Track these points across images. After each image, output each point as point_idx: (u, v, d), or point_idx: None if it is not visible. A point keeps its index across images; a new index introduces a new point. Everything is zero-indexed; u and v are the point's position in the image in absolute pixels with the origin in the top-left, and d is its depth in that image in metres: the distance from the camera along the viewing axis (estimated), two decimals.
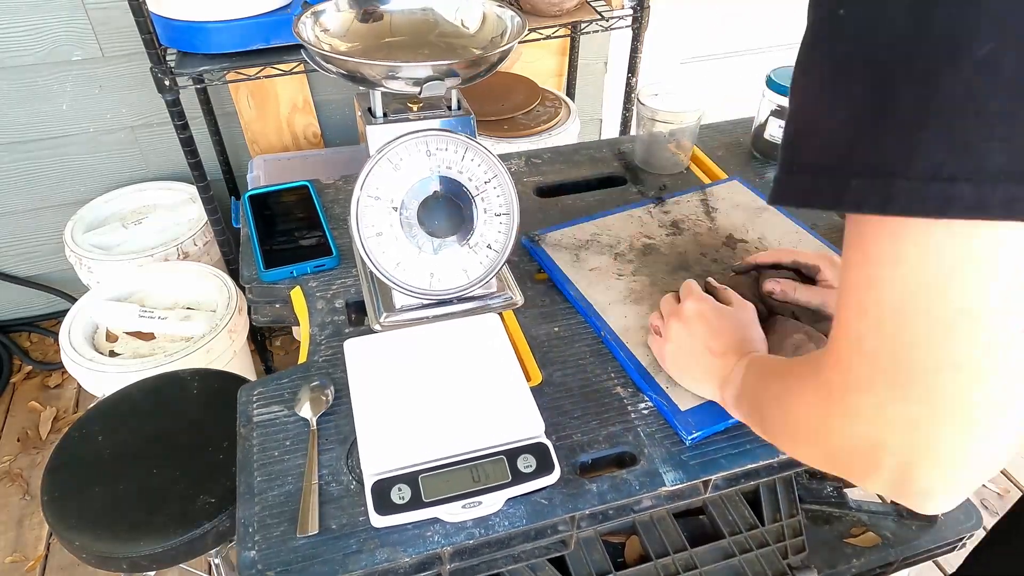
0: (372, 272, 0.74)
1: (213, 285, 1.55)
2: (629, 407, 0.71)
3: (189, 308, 1.57)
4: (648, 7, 1.60)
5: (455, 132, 0.72)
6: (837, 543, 0.94)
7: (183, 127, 1.36)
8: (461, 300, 0.78)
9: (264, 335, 1.87)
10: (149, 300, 1.59)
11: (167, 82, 1.27)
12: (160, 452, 1.01)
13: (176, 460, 0.99)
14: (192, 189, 1.73)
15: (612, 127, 2.22)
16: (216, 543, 0.95)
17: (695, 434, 0.67)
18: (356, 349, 0.72)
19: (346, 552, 0.59)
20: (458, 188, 0.73)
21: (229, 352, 1.45)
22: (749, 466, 0.67)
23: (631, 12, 1.62)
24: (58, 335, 1.47)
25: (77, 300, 1.54)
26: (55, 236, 1.82)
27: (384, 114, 0.73)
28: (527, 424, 0.65)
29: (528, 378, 0.72)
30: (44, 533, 1.55)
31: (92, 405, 1.09)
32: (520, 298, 0.81)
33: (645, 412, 0.71)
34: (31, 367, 1.91)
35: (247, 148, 1.82)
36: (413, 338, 0.74)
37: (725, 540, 0.85)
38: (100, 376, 1.37)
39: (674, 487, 0.65)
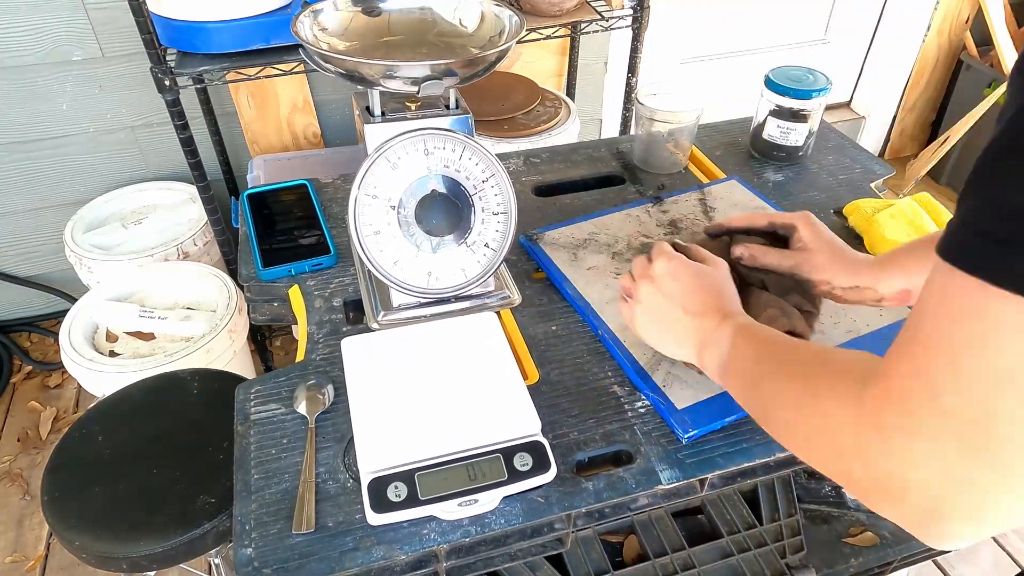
0: (370, 271, 0.75)
1: (213, 285, 1.55)
2: (626, 405, 0.71)
3: (189, 308, 1.57)
4: (648, 7, 1.60)
5: (453, 131, 0.72)
6: (835, 543, 0.94)
7: (183, 127, 1.36)
8: (459, 299, 0.78)
9: (264, 335, 1.88)
10: (149, 300, 1.59)
11: (167, 82, 1.27)
12: (160, 452, 1.01)
13: (176, 460, 1.00)
14: (192, 189, 1.73)
15: (612, 127, 2.22)
16: (216, 543, 0.95)
17: (691, 432, 0.67)
18: (354, 347, 0.72)
19: (342, 550, 0.59)
20: (456, 187, 0.74)
21: (229, 352, 1.45)
22: (745, 464, 0.67)
23: (631, 12, 1.62)
24: (58, 335, 1.47)
25: (77, 300, 1.54)
26: (55, 236, 1.82)
27: (382, 113, 0.73)
28: (524, 422, 0.65)
29: (525, 376, 0.72)
30: (44, 533, 1.56)
31: (92, 405, 1.09)
32: (518, 297, 0.81)
33: (642, 410, 0.71)
34: (31, 367, 1.91)
35: (247, 148, 1.82)
36: (411, 337, 0.74)
37: (723, 539, 0.85)
38: (100, 376, 1.37)
39: (670, 485, 0.65)
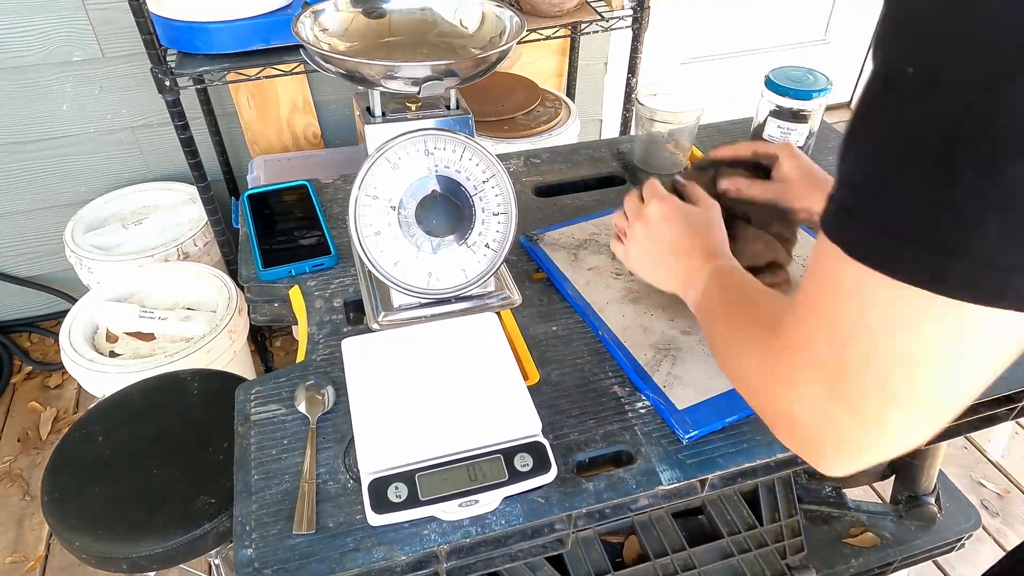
0: (370, 271, 0.75)
1: (213, 285, 1.55)
2: (626, 406, 0.71)
3: (189, 308, 1.57)
4: (648, 7, 1.60)
5: (453, 131, 0.72)
6: (836, 543, 0.94)
7: (183, 127, 1.36)
8: (459, 299, 0.78)
9: (264, 335, 1.88)
10: (149, 300, 1.59)
11: (167, 82, 1.27)
12: (160, 452, 1.01)
13: (176, 460, 0.99)
14: (192, 189, 1.73)
15: (612, 127, 2.22)
16: (216, 543, 0.95)
17: (692, 433, 0.67)
18: (354, 348, 0.72)
19: (343, 550, 0.59)
20: (456, 187, 0.74)
21: (229, 353, 1.45)
22: (746, 465, 0.67)
23: (631, 12, 1.62)
24: (58, 335, 1.47)
25: (77, 300, 1.54)
26: (55, 236, 1.82)
27: (383, 113, 0.73)
28: (524, 423, 0.65)
29: (526, 377, 0.72)
30: (44, 533, 1.56)
31: (92, 405, 1.09)
32: (518, 297, 0.81)
33: (642, 411, 0.71)
34: (31, 367, 1.91)
35: (247, 148, 1.82)
36: (411, 337, 0.74)
37: (724, 540, 0.85)
38: (100, 376, 1.37)
39: (671, 486, 0.65)
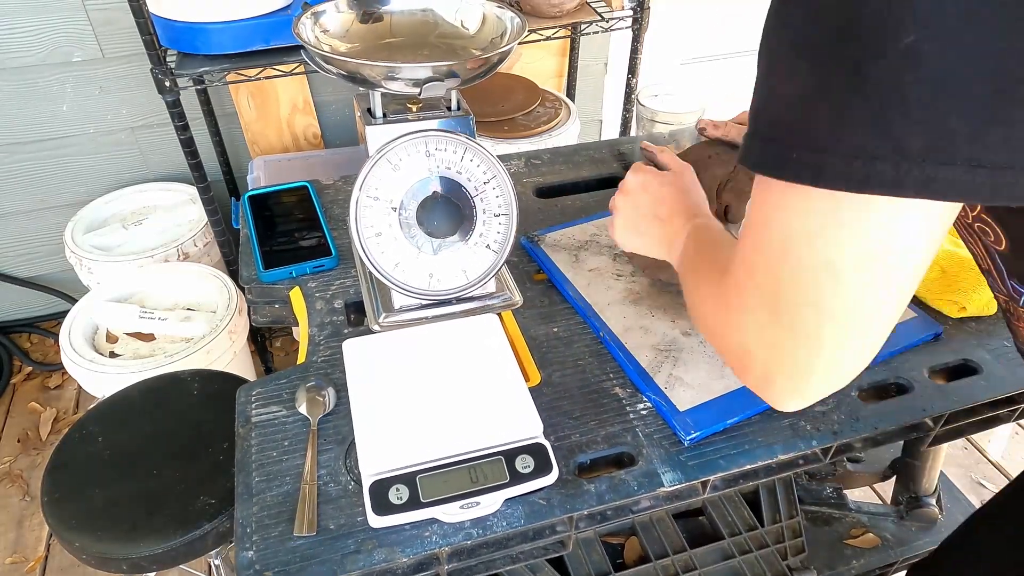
0: (371, 272, 0.74)
1: (213, 286, 1.55)
2: (628, 408, 0.71)
3: (189, 309, 1.57)
4: (648, 8, 1.60)
5: (454, 132, 0.72)
6: (837, 544, 0.94)
7: (183, 128, 1.36)
8: (460, 300, 0.78)
9: (264, 336, 1.87)
10: (149, 301, 1.59)
11: (167, 83, 1.27)
12: (160, 453, 1.00)
13: (176, 461, 0.99)
14: (192, 190, 1.73)
15: (612, 128, 2.22)
16: (216, 544, 0.95)
17: (693, 434, 0.67)
18: (355, 349, 0.72)
19: (344, 552, 0.59)
20: (457, 188, 0.74)
21: (229, 353, 1.45)
22: (747, 466, 0.67)
23: (631, 13, 1.62)
24: (58, 336, 1.47)
25: (77, 301, 1.54)
26: (55, 237, 1.82)
27: (383, 115, 0.73)
28: (525, 424, 0.65)
29: (527, 378, 0.72)
30: (44, 534, 1.55)
31: (92, 406, 1.09)
32: (519, 298, 0.81)
33: (644, 412, 0.71)
34: (31, 368, 1.91)
35: (247, 149, 1.82)
36: (412, 339, 0.74)
37: (725, 541, 0.85)
38: (100, 377, 1.37)
39: (672, 488, 0.65)
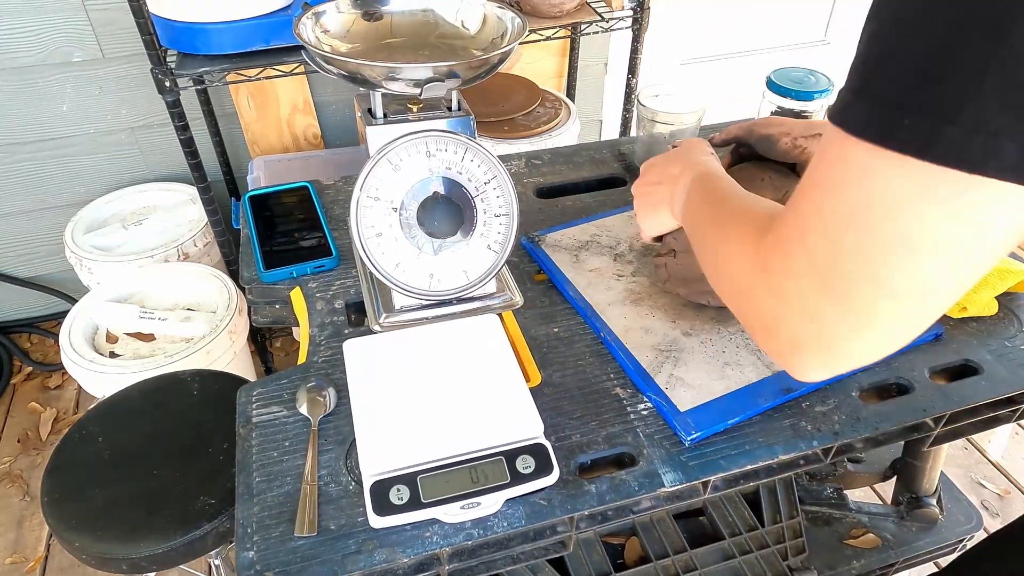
0: (372, 273, 0.74)
1: (213, 286, 1.55)
2: (628, 408, 0.71)
3: (189, 309, 1.57)
4: (648, 8, 1.60)
5: (455, 133, 0.72)
6: (837, 544, 0.94)
7: (183, 128, 1.36)
8: (461, 301, 0.78)
9: (264, 336, 1.87)
10: (149, 301, 1.59)
11: (167, 83, 1.27)
12: (160, 453, 1.00)
13: (176, 461, 0.99)
14: (192, 190, 1.73)
15: (612, 128, 2.22)
16: (216, 544, 0.95)
17: (694, 435, 0.67)
18: (355, 350, 0.72)
19: (345, 553, 0.59)
20: (458, 189, 0.74)
21: (229, 353, 1.45)
22: (748, 467, 0.67)
23: (631, 13, 1.62)
24: (58, 336, 1.47)
25: (77, 301, 1.54)
26: (55, 237, 1.82)
27: (384, 115, 0.73)
28: (526, 425, 0.65)
29: (527, 379, 0.72)
30: (44, 534, 1.55)
31: (92, 406, 1.09)
32: (520, 299, 0.81)
33: (644, 413, 0.71)
34: (31, 368, 1.91)
35: (247, 149, 1.82)
36: (412, 339, 0.74)
37: (725, 541, 0.85)
38: (100, 377, 1.37)
39: (673, 488, 0.65)
